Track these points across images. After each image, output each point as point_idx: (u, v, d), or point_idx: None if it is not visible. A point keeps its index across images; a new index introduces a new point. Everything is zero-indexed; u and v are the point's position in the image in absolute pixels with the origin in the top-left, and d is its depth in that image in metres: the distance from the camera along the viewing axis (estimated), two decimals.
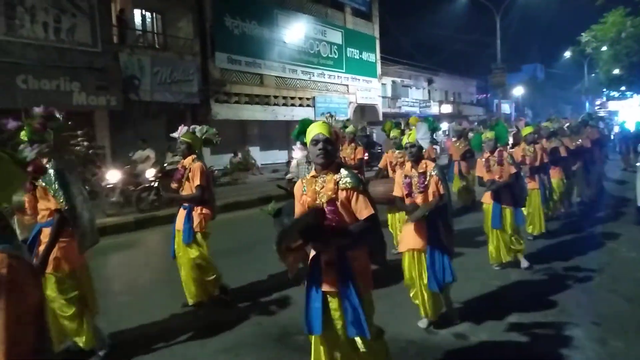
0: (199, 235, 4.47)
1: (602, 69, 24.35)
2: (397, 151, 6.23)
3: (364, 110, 25.86)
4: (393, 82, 29.83)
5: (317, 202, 2.58)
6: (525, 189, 5.85)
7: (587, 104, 44.90)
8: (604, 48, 22.79)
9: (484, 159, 5.55)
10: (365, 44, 25.15)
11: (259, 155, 19.04)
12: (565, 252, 6.16)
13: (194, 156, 4.58)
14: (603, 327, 3.91)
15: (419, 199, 3.87)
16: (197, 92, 15.67)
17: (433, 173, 3.84)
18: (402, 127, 6.63)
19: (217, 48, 16.69)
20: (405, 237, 3.96)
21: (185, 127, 4.64)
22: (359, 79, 24.63)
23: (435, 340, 3.76)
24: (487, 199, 5.54)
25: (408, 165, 4.00)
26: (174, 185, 4.66)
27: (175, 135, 4.65)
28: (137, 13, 15.70)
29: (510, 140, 13.08)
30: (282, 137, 20.38)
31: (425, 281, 3.81)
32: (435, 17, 36.61)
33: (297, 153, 5.80)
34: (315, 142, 2.58)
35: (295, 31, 20.15)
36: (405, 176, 3.98)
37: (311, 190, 2.63)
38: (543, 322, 4.02)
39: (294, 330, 3.94)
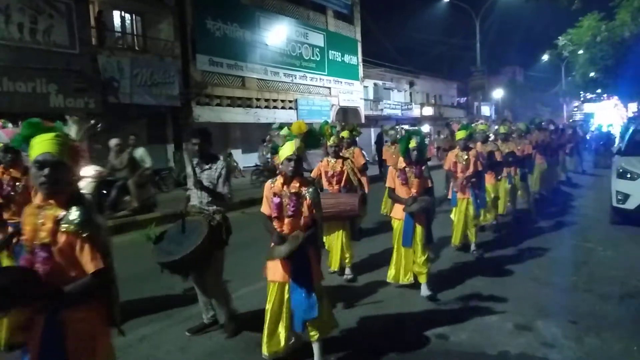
0: None
1: (579, 72, 24.86)
2: (333, 159, 5.55)
3: (346, 113, 25.95)
4: (375, 84, 30.01)
5: (36, 242, 1.97)
6: (434, 205, 5.32)
7: (564, 106, 45.98)
8: (580, 52, 23.30)
9: (399, 169, 4.82)
10: (347, 46, 25.25)
11: (241, 158, 18.96)
12: (543, 252, 6.28)
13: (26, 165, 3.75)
14: (579, 325, 3.99)
15: (286, 226, 3.33)
16: (178, 95, 15.50)
17: (307, 195, 3.28)
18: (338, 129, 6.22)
19: (198, 50, 16.55)
20: (271, 266, 3.38)
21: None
22: (341, 82, 24.70)
23: (415, 341, 3.79)
24: (398, 214, 4.86)
25: (278, 182, 3.36)
26: None
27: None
28: (116, 14, 15.47)
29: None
30: (258, 139, 20.31)
31: (284, 316, 3.33)
32: (417, 21, 37.00)
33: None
34: (39, 164, 1.96)
35: (277, 33, 20.11)
36: (275, 194, 3.32)
37: (31, 224, 1.99)
38: (521, 321, 4.08)
39: None
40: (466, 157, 6.14)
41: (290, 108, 21.04)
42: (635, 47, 18.46)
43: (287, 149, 3.25)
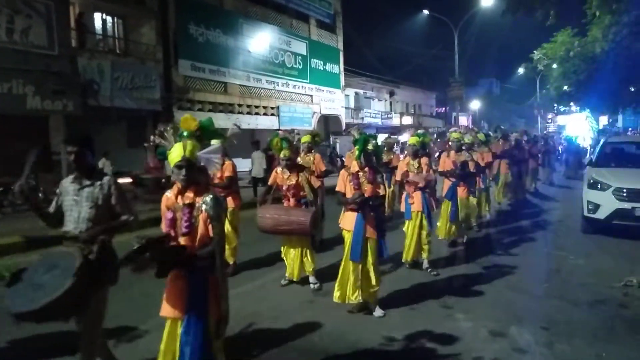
0: None
1: (553, 85, 25.64)
2: (287, 172, 5.35)
3: (327, 121, 26.13)
4: (356, 93, 30.30)
5: None
6: (383, 219, 4.75)
7: (539, 118, 47.28)
8: (554, 66, 24.03)
9: (352, 173, 4.44)
10: (329, 55, 25.49)
11: None
12: (515, 261, 6.43)
13: None
14: (551, 331, 4.12)
15: (183, 244, 2.76)
16: (159, 99, 15.39)
17: (202, 207, 2.69)
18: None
19: (180, 55, 16.48)
20: (165, 297, 2.82)
21: None
22: (322, 90, 24.88)
23: (392, 348, 3.86)
24: (347, 224, 4.44)
25: (172, 192, 2.84)
26: None
27: None
28: (97, 17, 15.29)
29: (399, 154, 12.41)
30: (246, 145, 20.22)
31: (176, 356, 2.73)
32: (397, 32, 37.68)
33: None
34: None
35: (260, 41, 20.18)
36: (168, 209, 2.81)
37: None
38: (495, 328, 4.19)
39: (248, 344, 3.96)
40: (417, 165, 5.88)
41: (272, 115, 21.09)
42: (606, 62, 19.14)
43: (175, 154, 2.74)
